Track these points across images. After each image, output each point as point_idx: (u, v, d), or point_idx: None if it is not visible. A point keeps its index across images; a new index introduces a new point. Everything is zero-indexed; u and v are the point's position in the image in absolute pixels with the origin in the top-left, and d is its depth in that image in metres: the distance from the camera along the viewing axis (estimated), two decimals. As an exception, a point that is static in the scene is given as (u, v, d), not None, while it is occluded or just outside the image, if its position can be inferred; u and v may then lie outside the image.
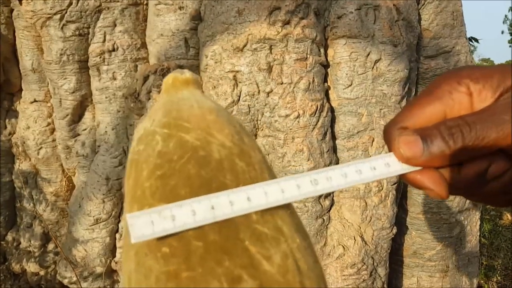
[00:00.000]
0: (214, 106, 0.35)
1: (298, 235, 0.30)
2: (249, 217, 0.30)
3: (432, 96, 0.35)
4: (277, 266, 0.27)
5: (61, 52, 1.63)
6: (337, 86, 1.49)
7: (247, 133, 0.35)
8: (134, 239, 0.27)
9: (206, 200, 0.29)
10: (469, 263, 1.84)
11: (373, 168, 0.35)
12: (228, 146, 0.32)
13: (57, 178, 1.92)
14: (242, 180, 0.31)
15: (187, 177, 0.30)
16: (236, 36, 1.40)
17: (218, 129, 0.33)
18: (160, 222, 0.28)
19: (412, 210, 1.72)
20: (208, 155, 0.31)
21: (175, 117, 0.33)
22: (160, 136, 0.32)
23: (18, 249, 2.02)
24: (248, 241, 0.28)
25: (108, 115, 1.69)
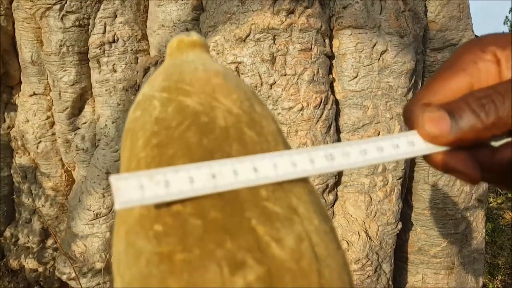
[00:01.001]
0: (221, 69, 0.31)
1: (316, 216, 0.26)
2: (258, 193, 0.25)
3: (455, 68, 0.31)
4: (289, 251, 0.23)
5: (61, 44, 1.60)
6: (342, 78, 1.46)
7: (259, 101, 0.31)
8: (119, 204, 0.23)
9: (206, 167, 0.25)
10: (475, 260, 1.81)
11: (395, 146, 0.30)
12: (236, 113, 0.28)
13: (56, 173, 1.89)
14: (252, 151, 0.27)
15: (186, 146, 0.26)
16: (239, 26, 1.37)
17: (225, 93, 0.29)
18: (151, 187, 0.24)
19: (417, 206, 1.69)
20: (211, 122, 0.27)
21: (176, 80, 0.30)
22: (158, 101, 0.29)
23: (17, 245, 1.99)
24: (256, 220, 0.24)
25: (108, 108, 1.66)
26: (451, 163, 0.30)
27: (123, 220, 0.26)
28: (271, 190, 0.26)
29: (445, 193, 1.65)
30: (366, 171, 1.47)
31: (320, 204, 0.28)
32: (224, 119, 0.27)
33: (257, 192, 0.25)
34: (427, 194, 1.66)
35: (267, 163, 0.27)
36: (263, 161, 0.27)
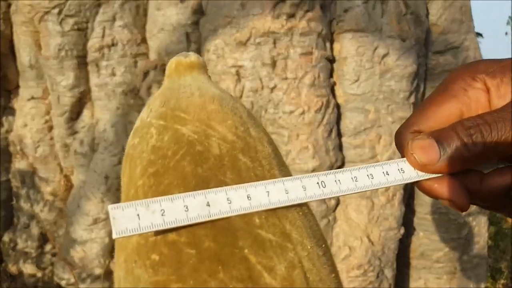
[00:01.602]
0: (218, 94, 0.31)
1: (310, 241, 0.27)
2: (251, 220, 0.26)
3: (446, 95, 0.32)
4: (280, 279, 0.24)
5: (60, 47, 1.59)
6: (343, 82, 1.45)
7: (255, 124, 0.31)
8: (116, 233, 0.24)
9: (201, 196, 0.26)
10: (477, 265, 1.80)
11: (385, 173, 0.31)
12: (231, 140, 0.29)
13: (55, 177, 1.88)
14: (246, 179, 0.28)
15: (181, 175, 0.27)
16: (239, 30, 1.37)
17: (220, 120, 0.29)
18: (147, 216, 0.25)
19: (419, 211, 1.68)
20: (206, 151, 0.28)
21: (173, 107, 0.30)
22: (155, 129, 0.29)
23: (15, 250, 1.98)
24: (248, 250, 0.25)
25: (107, 112, 1.65)
26: (440, 191, 0.31)
27: (122, 248, 0.27)
28: (264, 217, 0.27)
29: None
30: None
31: (315, 226, 0.29)
32: (219, 147, 0.28)
33: (251, 220, 0.26)
34: (430, 199, 1.65)
35: (260, 191, 0.27)
36: (257, 189, 0.27)
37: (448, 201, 0.31)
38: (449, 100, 0.32)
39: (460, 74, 0.33)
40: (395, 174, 0.32)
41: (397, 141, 0.34)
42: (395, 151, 1.44)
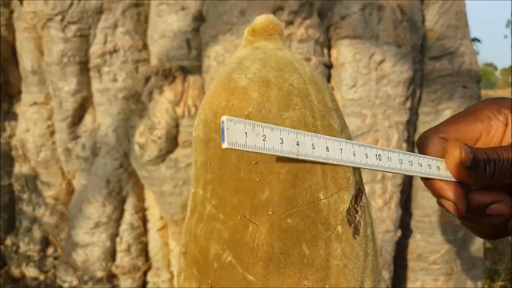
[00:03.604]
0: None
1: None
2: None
3: (474, 117, 0.39)
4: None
5: (62, 54, 1.62)
6: (340, 87, 1.48)
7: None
8: (228, 144, 0.27)
9: (293, 134, 0.30)
10: (474, 266, 1.82)
11: (419, 164, 0.37)
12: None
13: (56, 181, 1.90)
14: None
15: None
16: (239, 36, 1.39)
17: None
18: (253, 137, 0.29)
19: (416, 213, 1.71)
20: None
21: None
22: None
23: (17, 253, 1.99)
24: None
25: (109, 117, 1.68)
26: (448, 193, 0.38)
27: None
28: None
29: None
30: (365, 178, 1.48)
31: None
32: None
33: None
34: (426, 201, 1.68)
35: (336, 146, 0.33)
36: (333, 144, 0.33)
37: (450, 204, 0.37)
38: (475, 122, 0.39)
39: (489, 104, 0.40)
40: (426, 168, 0.37)
41: (423, 141, 0.40)
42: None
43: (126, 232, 1.71)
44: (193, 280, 0.35)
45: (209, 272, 0.34)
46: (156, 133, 1.46)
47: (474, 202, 0.38)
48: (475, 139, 0.39)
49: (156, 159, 1.51)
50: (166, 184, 1.55)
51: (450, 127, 0.39)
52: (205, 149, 0.37)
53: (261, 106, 0.35)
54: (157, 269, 1.78)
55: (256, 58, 0.38)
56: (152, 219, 1.78)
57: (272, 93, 0.35)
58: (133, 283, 1.71)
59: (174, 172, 1.53)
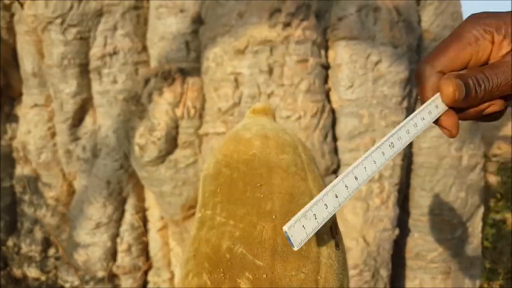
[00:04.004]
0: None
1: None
2: None
3: (462, 42, 0.42)
4: None
5: (62, 56, 1.64)
6: (338, 88, 1.49)
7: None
8: (297, 246, 0.33)
9: (330, 191, 0.35)
10: (472, 265, 1.83)
11: (422, 118, 0.41)
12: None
13: (57, 183, 1.91)
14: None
15: None
16: (237, 38, 1.41)
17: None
18: (309, 224, 0.34)
19: (414, 212, 1.72)
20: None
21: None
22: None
23: (19, 254, 2.01)
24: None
25: (109, 118, 1.69)
26: (444, 123, 0.43)
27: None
28: None
29: (442, 199, 1.68)
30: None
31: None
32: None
33: None
34: (424, 200, 1.69)
35: (361, 169, 0.38)
36: (358, 168, 0.37)
37: (446, 130, 0.42)
38: (465, 48, 0.41)
39: (476, 25, 0.42)
40: (428, 115, 0.41)
41: (421, 77, 0.43)
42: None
43: (126, 232, 1.73)
44: (204, 272, 0.40)
45: (221, 262, 0.40)
46: (156, 134, 1.48)
47: (472, 113, 0.43)
48: (466, 62, 0.42)
49: (155, 160, 1.52)
50: (166, 185, 1.57)
51: (444, 58, 0.42)
52: (215, 180, 0.46)
53: (262, 150, 0.45)
54: (158, 269, 1.79)
55: (257, 123, 0.50)
56: (152, 220, 1.80)
57: (270, 143, 0.46)
58: (134, 283, 1.73)
59: (173, 173, 1.55)
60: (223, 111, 1.44)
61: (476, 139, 1.71)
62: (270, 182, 0.43)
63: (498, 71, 0.40)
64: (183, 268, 0.43)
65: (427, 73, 0.42)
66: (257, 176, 0.44)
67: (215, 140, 1.47)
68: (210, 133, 1.47)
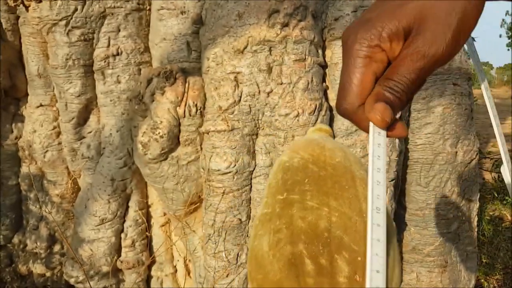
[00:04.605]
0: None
1: (348, 210, 0.47)
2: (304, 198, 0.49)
3: (360, 69, 0.42)
4: (307, 223, 0.47)
5: (67, 57, 1.68)
6: (335, 86, 1.53)
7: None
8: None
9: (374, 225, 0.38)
10: (468, 258, 1.87)
11: (379, 145, 0.43)
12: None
13: (62, 181, 1.96)
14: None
15: None
16: (237, 38, 1.45)
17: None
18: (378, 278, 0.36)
19: (410, 207, 1.76)
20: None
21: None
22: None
23: (25, 251, 2.05)
24: (296, 210, 0.48)
25: (113, 117, 1.74)
26: (395, 133, 0.43)
27: None
28: (315, 196, 0.48)
29: (437, 194, 1.72)
30: (359, 174, 1.54)
31: (363, 207, 0.48)
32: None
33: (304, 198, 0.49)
34: (420, 195, 1.73)
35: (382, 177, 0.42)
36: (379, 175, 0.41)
37: (399, 136, 0.44)
38: (366, 73, 0.42)
39: (357, 47, 0.42)
40: (380, 138, 0.43)
41: (349, 115, 0.44)
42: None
43: (130, 228, 1.77)
44: (300, 243, 0.44)
45: (319, 237, 0.44)
46: (158, 132, 1.52)
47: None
48: (375, 81, 0.43)
49: (158, 157, 1.57)
50: (168, 181, 1.61)
51: (355, 93, 0.43)
52: (301, 172, 0.50)
53: (345, 161, 0.51)
54: (161, 264, 1.84)
55: (329, 138, 0.59)
56: (155, 216, 1.84)
57: (350, 158, 0.52)
58: (137, 277, 1.77)
59: (176, 170, 1.59)
60: (224, 109, 1.49)
61: (471, 135, 1.75)
62: (355, 187, 0.48)
63: (402, 69, 0.41)
64: (271, 236, 0.47)
65: (351, 110, 0.43)
66: (343, 180, 0.48)
67: (216, 138, 1.51)
68: (211, 130, 1.51)
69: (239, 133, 1.50)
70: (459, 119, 1.69)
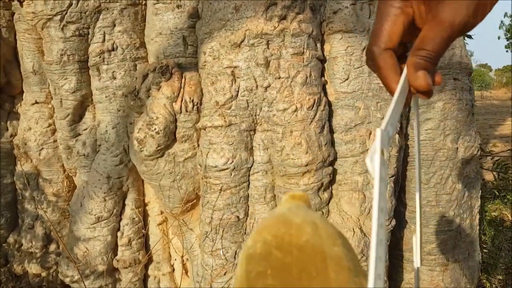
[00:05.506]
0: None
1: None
2: None
3: (392, 18, 0.48)
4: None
5: (62, 53, 1.66)
6: (334, 80, 1.51)
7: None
8: None
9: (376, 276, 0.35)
10: (469, 257, 1.84)
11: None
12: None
13: (58, 179, 1.93)
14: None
15: None
16: (234, 32, 1.43)
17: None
18: None
19: (411, 204, 1.73)
20: None
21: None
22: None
23: (20, 250, 2.02)
24: None
25: (109, 114, 1.71)
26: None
27: None
28: None
29: (438, 191, 1.69)
30: (359, 169, 1.52)
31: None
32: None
33: None
34: (420, 192, 1.70)
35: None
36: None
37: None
38: (395, 22, 0.48)
39: (391, 1, 0.48)
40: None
41: (374, 55, 0.49)
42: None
43: (127, 226, 1.75)
44: None
45: None
46: (154, 128, 1.50)
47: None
48: (402, 32, 0.49)
49: (154, 153, 1.54)
50: (165, 178, 1.58)
51: (384, 37, 0.49)
52: (264, 261, 0.46)
53: (314, 238, 0.46)
54: (158, 263, 1.81)
55: (301, 209, 0.53)
56: (152, 214, 1.81)
57: (321, 232, 0.47)
58: (134, 276, 1.74)
59: (172, 167, 1.57)
60: (221, 104, 1.46)
61: (471, 131, 1.72)
62: (326, 273, 0.43)
63: (433, 39, 0.46)
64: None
65: (377, 52, 0.49)
66: (311, 265, 0.44)
67: (213, 134, 1.48)
68: (208, 126, 1.49)
69: (236, 129, 1.48)
70: (460, 114, 1.67)
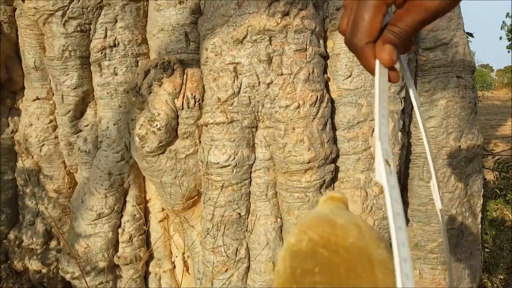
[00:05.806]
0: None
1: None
2: None
3: (370, 11, 0.49)
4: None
5: (63, 48, 1.65)
6: (336, 77, 1.50)
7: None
8: None
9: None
10: (472, 255, 1.83)
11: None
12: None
13: (59, 175, 1.93)
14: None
15: None
16: (236, 28, 1.42)
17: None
18: None
19: (412, 202, 1.73)
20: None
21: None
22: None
23: (21, 247, 2.02)
24: None
25: (110, 110, 1.71)
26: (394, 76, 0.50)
27: None
28: None
29: (440, 189, 1.69)
30: (361, 167, 1.51)
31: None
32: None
33: None
34: (422, 190, 1.70)
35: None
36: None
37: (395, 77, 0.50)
38: (377, 14, 0.49)
39: None
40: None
41: (357, 49, 0.50)
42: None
43: (128, 223, 1.74)
44: None
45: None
46: (156, 125, 1.49)
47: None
48: (380, 23, 0.49)
49: (156, 150, 1.53)
50: (166, 175, 1.58)
51: (365, 30, 0.49)
52: (310, 259, 0.46)
53: (360, 240, 0.46)
54: (159, 260, 1.80)
55: (342, 210, 0.53)
56: (153, 211, 1.81)
57: (366, 235, 0.48)
58: (135, 273, 1.74)
59: (174, 163, 1.56)
60: (223, 101, 1.45)
61: (474, 129, 1.72)
62: (373, 274, 0.43)
63: (407, 19, 0.48)
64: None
65: (358, 46, 0.50)
66: (359, 266, 0.44)
67: (215, 130, 1.48)
68: (210, 123, 1.48)
69: (238, 126, 1.47)
70: (463, 112, 1.66)
